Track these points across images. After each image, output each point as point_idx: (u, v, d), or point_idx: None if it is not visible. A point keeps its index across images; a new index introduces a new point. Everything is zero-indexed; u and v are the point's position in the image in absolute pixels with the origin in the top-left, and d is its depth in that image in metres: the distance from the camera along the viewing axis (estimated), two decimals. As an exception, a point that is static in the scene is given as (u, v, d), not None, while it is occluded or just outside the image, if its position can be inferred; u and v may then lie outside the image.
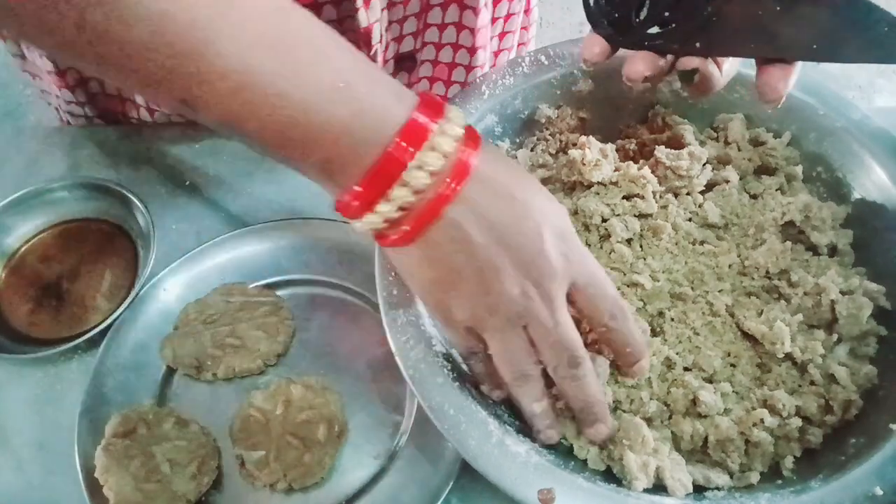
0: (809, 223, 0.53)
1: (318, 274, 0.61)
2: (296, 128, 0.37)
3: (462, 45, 0.67)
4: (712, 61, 0.44)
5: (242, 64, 0.35)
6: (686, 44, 0.43)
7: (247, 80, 0.35)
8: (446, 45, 0.68)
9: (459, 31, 0.66)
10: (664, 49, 0.43)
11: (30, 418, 0.57)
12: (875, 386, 0.48)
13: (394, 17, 0.62)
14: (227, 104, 0.36)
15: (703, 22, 0.41)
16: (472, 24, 0.65)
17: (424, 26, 0.65)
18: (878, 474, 0.42)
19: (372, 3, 0.58)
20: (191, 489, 0.50)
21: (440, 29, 0.65)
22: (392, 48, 0.65)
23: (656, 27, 0.43)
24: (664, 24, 0.43)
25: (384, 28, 0.61)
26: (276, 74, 0.36)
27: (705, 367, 0.48)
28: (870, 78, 1.88)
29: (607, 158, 0.55)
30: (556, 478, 0.41)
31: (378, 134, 0.38)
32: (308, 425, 0.52)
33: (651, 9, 0.43)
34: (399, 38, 0.65)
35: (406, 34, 0.65)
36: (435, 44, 0.67)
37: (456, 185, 0.39)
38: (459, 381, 0.44)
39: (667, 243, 0.53)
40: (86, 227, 0.66)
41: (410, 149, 0.37)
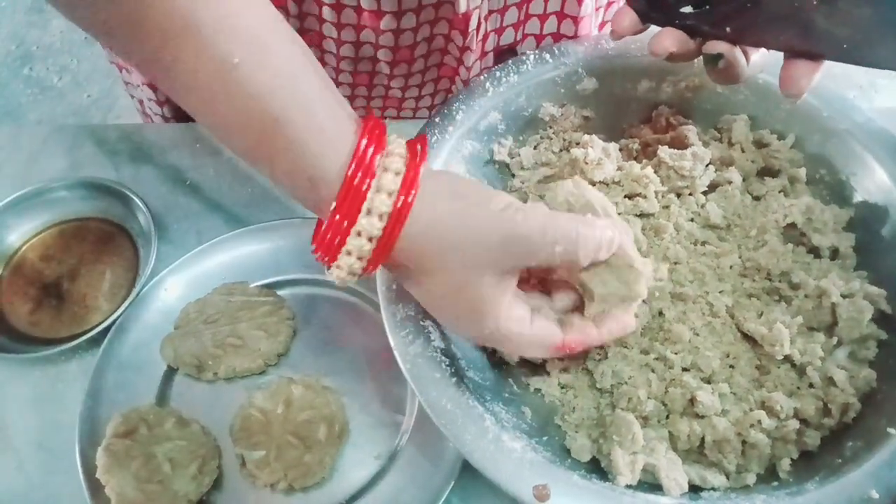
0: (811, 225, 0.55)
1: (318, 274, 0.64)
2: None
3: (564, 34, 0.67)
4: (740, 49, 0.46)
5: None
6: (717, 27, 0.44)
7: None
8: (546, 37, 0.68)
9: (561, 20, 0.66)
10: (694, 30, 0.45)
11: (30, 418, 0.59)
12: (873, 389, 0.50)
13: (494, 6, 0.63)
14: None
15: (739, 7, 0.42)
16: (575, 12, 0.65)
17: (526, 17, 0.66)
18: (875, 477, 0.44)
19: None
20: (192, 489, 0.53)
21: (541, 20, 0.66)
22: (492, 39, 0.67)
23: (690, 7, 0.45)
24: (699, 4, 0.45)
25: (483, 16, 0.63)
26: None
27: (704, 368, 0.50)
28: (870, 77, 1.89)
29: (610, 158, 0.57)
30: (551, 474, 0.43)
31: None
32: (309, 425, 0.55)
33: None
34: (499, 30, 0.66)
35: (507, 25, 0.66)
36: (536, 35, 0.68)
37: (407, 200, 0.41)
38: (457, 377, 0.47)
39: (668, 243, 0.55)
40: (86, 226, 0.69)
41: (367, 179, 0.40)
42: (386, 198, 0.40)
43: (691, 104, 0.62)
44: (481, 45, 0.66)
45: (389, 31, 0.62)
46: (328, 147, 0.41)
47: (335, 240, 0.41)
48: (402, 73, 0.68)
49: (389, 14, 0.60)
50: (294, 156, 0.40)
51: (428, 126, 0.58)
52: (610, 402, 0.51)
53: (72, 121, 1.83)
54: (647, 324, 0.53)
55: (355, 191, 0.40)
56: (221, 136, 0.42)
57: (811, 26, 0.41)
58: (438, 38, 0.65)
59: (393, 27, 0.62)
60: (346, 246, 0.41)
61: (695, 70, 0.61)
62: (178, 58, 0.38)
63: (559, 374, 0.53)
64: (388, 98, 0.72)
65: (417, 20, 0.62)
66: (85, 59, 2.07)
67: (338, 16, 0.61)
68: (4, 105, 0.69)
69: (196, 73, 0.38)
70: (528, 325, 0.46)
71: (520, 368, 0.54)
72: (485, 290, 0.43)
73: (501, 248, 0.42)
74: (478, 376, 0.50)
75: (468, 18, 0.61)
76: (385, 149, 0.41)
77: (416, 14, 0.61)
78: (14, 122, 0.71)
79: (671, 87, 0.62)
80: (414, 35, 0.64)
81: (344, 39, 0.64)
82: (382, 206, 0.40)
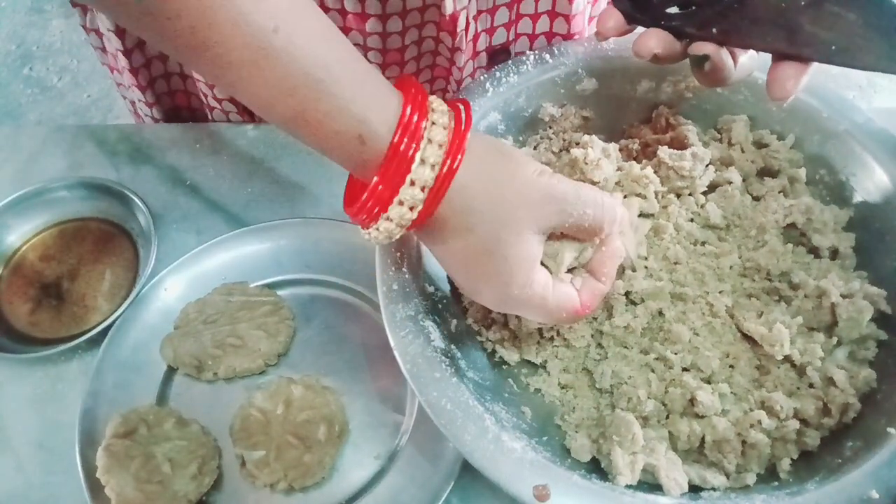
0: (811, 226, 0.55)
1: (318, 274, 0.64)
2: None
3: (557, 32, 0.68)
4: (727, 51, 0.46)
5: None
6: (703, 28, 0.44)
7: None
8: (540, 35, 0.68)
9: (553, 18, 0.66)
10: (680, 31, 0.45)
11: (30, 418, 0.59)
12: (873, 389, 0.50)
13: (483, 7, 0.63)
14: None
15: (725, 8, 0.42)
16: (567, 10, 0.65)
17: (517, 16, 0.66)
18: (874, 477, 0.44)
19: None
20: (191, 489, 0.53)
21: (533, 19, 0.66)
22: (483, 40, 0.67)
23: (676, 7, 0.45)
24: (685, 5, 0.44)
25: (472, 17, 0.63)
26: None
27: (704, 368, 0.51)
28: (870, 78, 1.90)
29: (610, 158, 0.57)
30: (551, 474, 0.43)
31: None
32: (308, 425, 0.55)
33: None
34: (490, 30, 0.66)
35: (498, 25, 0.66)
36: (528, 35, 0.68)
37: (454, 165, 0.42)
38: (457, 377, 0.47)
39: (668, 243, 0.55)
40: (86, 226, 0.69)
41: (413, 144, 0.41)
42: (430, 171, 0.41)
43: (691, 104, 0.62)
44: (472, 45, 0.66)
45: (376, 34, 0.62)
46: (375, 104, 0.41)
47: (375, 208, 0.42)
48: (394, 74, 0.68)
49: (374, 17, 0.60)
50: (342, 115, 0.40)
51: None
52: (610, 402, 0.52)
53: (72, 121, 1.83)
54: (647, 324, 0.53)
55: (401, 157, 0.41)
56: (263, 107, 0.42)
57: (798, 29, 0.41)
58: (428, 41, 0.65)
59: (379, 30, 0.62)
60: (386, 213, 0.42)
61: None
62: (215, 31, 0.38)
63: (559, 374, 0.53)
64: None
65: (403, 24, 0.62)
66: (85, 60, 2.07)
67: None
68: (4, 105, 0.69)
69: (234, 45, 0.38)
70: (552, 289, 0.46)
71: (520, 368, 0.54)
72: (519, 248, 0.44)
73: (540, 205, 0.44)
74: (478, 376, 0.50)
75: (455, 20, 0.61)
76: (427, 117, 0.42)
77: (402, 17, 0.61)
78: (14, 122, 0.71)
79: (671, 87, 0.62)
80: (402, 38, 0.63)
81: None
82: (426, 178, 0.41)
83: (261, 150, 0.73)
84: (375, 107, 0.41)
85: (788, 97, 0.45)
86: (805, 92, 0.58)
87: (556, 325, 0.53)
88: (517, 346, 0.54)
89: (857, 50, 0.40)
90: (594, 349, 0.54)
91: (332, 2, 0.59)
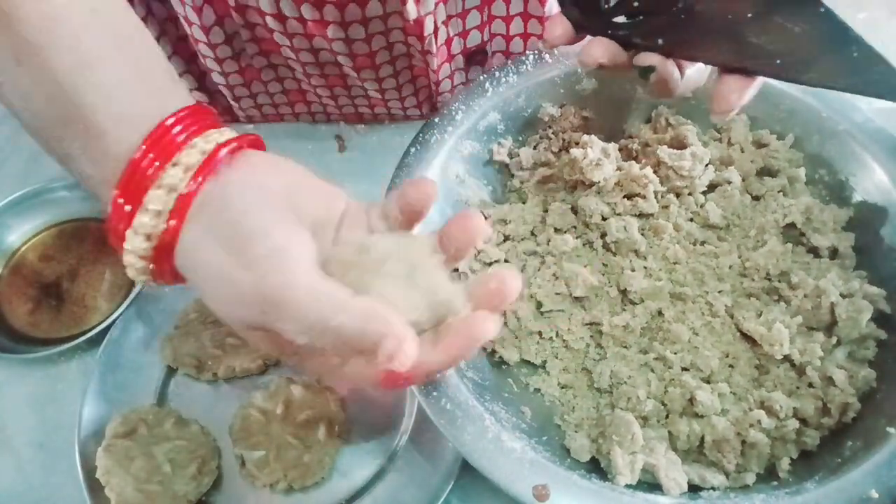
0: (811, 225, 0.55)
1: (319, 274, 0.64)
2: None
3: (532, 33, 0.67)
4: (674, 63, 0.44)
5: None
6: (649, 39, 0.42)
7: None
8: (516, 37, 0.68)
9: (527, 20, 0.66)
10: (626, 41, 0.43)
11: (30, 418, 0.60)
12: (873, 389, 0.50)
13: (452, 12, 0.63)
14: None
15: (671, 19, 0.41)
16: (539, 12, 0.65)
17: (489, 18, 0.66)
18: (874, 477, 0.44)
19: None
20: (191, 489, 0.53)
21: (506, 21, 0.66)
22: (457, 43, 0.66)
23: (624, 17, 0.43)
24: (632, 14, 0.43)
25: (441, 22, 0.62)
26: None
27: (703, 368, 0.51)
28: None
29: (609, 158, 0.58)
30: (551, 474, 0.43)
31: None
32: (308, 425, 0.55)
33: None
34: (464, 33, 0.66)
35: (470, 28, 0.66)
36: (504, 35, 0.67)
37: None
38: (457, 377, 0.47)
39: (667, 243, 0.55)
40: (85, 226, 0.69)
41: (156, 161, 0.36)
42: (150, 220, 0.36)
43: (691, 104, 0.62)
44: (446, 49, 0.66)
45: (339, 41, 0.61)
46: (126, 135, 0.37)
47: (119, 224, 0.37)
48: (371, 77, 0.67)
49: (334, 24, 0.59)
50: (99, 143, 0.37)
51: (427, 126, 0.58)
52: (609, 402, 0.52)
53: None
54: (646, 324, 0.53)
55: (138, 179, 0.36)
56: (35, 129, 0.38)
57: (744, 41, 0.40)
58: (398, 45, 0.64)
59: (341, 36, 0.61)
60: (125, 242, 0.37)
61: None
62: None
63: (559, 374, 0.53)
64: (371, 98, 0.72)
65: (367, 30, 0.61)
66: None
67: (283, 26, 0.60)
68: (4, 105, 0.69)
69: (8, 61, 0.36)
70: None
71: (519, 368, 0.54)
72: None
73: (259, 309, 0.36)
74: (478, 376, 0.50)
75: (421, 25, 0.60)
76: (175, 155, 0.37)
77: (363, 25, 0.60)
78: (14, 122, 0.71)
79: (670, 87, 0.62)
80: (368, 44, 0.62)
81: (298, 47, 0.63)
82: (147, 230, 0.36)
83: (260, 150, 0.73)
84: (126, 139, 0.37)
85: (731, 111, 0.43)
86: (804, 91, 0.59)
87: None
88: (517, 345, 0.54)
89: (802, 65, 0.39)
90: (593, 349, 0.54)
91: (290, 10, 0.58)
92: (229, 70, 0.68)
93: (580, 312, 0.55)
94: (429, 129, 0.57)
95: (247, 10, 0.60)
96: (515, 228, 0.58)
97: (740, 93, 0.42)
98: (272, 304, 0.35)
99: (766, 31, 0.39)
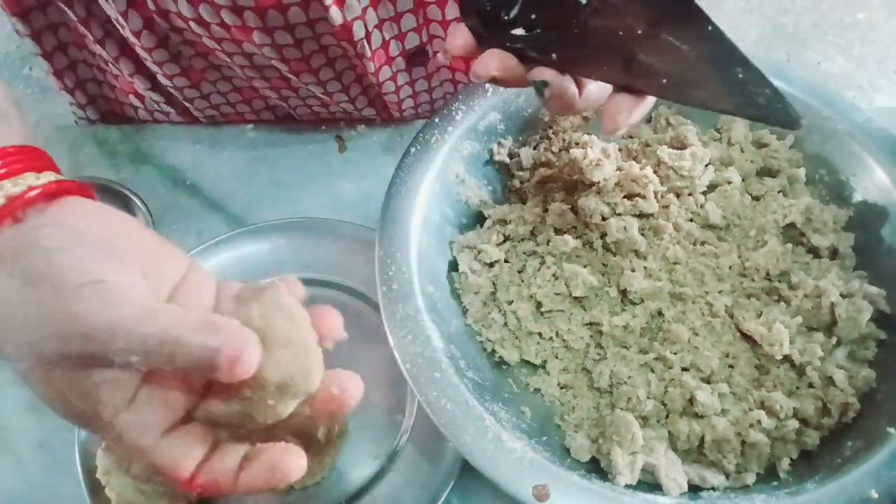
0: (811, 225, 0.55)
1: (318, 274, 0.64)
2: None
3: None
4: (571, 79, 0.42)
5: None
6: (544, 53, 0.41)
7: None
8: None
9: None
10: (523, 54, 0.42)
11: (30, 418, 0.59)
12: (873, 389, 0.50)
13: (385, 15, 0.62)
14: None
15: (566, 33, 0.40)
16: None
17: (425, 21, 0.65)
18: (874, 477, 0.45)
19: (348, 2, 0.57)
20: (191, 488, 0.53)
21: (443, 26, 0.66)
22: (395, 46, 0.66)
23: (522, 30, 0.42)
24: (530, 27, 0.42)
25: (374, 26, 0.62)
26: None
27: (703, 368, 0.51)
28: (870, 78, 1.91)
29: (609, 158, 0.58)
30: (551, 474, 0.44)
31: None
32: (308, 425, 0.55)
33: (521, 9, 0.41)
34: (400, 36, 0.65)
35: (407, 31, 0.65)
36: (443, 38, 0.66)
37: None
38: (457, 377, 0.47)
39: (667, 243, 0.55)
40: (86, 226, 0.68)
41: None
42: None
43: (691, 104, 0.62)
44: (383, 52, 0.65)
45: (268, 46, 0.60)
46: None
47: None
48: (312, 80, 0.66)
49: (258, 30, 0.58)
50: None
51: (427, 126, 0.58)
52: (609, 402, 0.52)
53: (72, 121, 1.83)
54: (646, 324, 0.53)
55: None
56: None
57: (634, 59, 0.39)
58: (333, 48, 0.63)
59: (268, 42, 0.59)
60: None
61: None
62: None
63: (559, 374, 0.53)
64: (321, 99, 0.70)
65: (293, 35, 0.59)
66: (85, 60, 2.07)
67: (207, 31, 0.59)
68: (4, 105, 0.70)
69: None
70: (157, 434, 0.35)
71: (519, 368, 0.54)
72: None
73: (80, 335, 0.32)
74: (478, 376, 0.50)
75: (350, 29, 0.59)
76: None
77: (288, 31, 0.59)
78: (14, 122, 0.72)
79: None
80: (299, 49, 0.61)
81: (229, 51, 0.62)
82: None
83: (261, 150, 0.73)
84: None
85: (618, 131, 0.42)
86: (804, 92, 0.59)
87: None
88: (517, 346, 0.54)
89: (689, 85, 0.38)
90: (593, 349, 0.54)
91: (209, 15, 0.57)
92: (171, 73, 0.67)
93: (580, 312, 0.55)
94: (429, 129, 0.58)
95: (169, 15, 0.59)
96: (515, 228, 0.58)
97: (629, 112, 0.41)
98: (102, 325, 0.32)
99: (655, 49, 0.38)
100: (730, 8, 2.18)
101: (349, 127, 0.75)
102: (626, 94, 0.41)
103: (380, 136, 0.74)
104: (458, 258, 0.57)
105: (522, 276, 0.56)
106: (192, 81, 0.69)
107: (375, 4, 0.60)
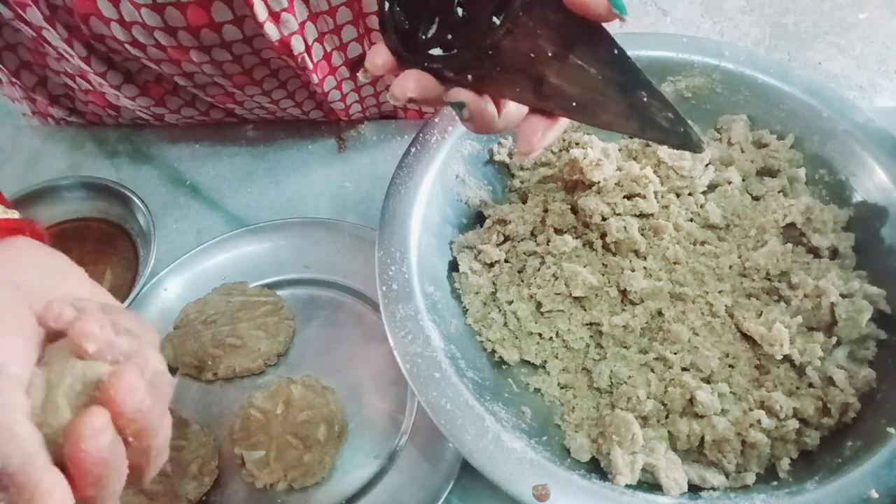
0: (811, 225, 0.55)
1: (318, 274, 0.64)
2: None
3: None
4: (489, 99, 0.42)
5: None
6: (460, 73, 0.41)
7: None
8: None
9: None
10: (440, 74, 0.42)
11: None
12: (873, 389, 0.50)
13: (324, 29, 0.62)
14: None
15: (480, 54, 0.40)
16: None
17: (366, 31, 0.65)
18: (874, 477, 0.45)
19: (283, 18, 0.57)
20: (192, 489, 0.53)
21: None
22: (338, 57, 0.66)
23: (439, 49, 0.42)
24: (447, 47, 0.42)
25: (314, 39, 0.62)
26: None
27: (703, 368, 0.51)
28: (871, 78, 1.91)
29: (609, 158, 0.58)
30: (551, 474, 0.43)
31: None
32: (308, 425, 0.55)
33: (438, 29, 0.41)
34: (342, 47, 0.65)
35: (348, 41, 0.65)
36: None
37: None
38: (457, 377, 0.47)
39: (668, 243, 0.55)
40: (86, 226, 0.69)
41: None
42: None
43: (691, 104, 0.63)
44: (326, 63, 0.65)
45: (207, 63, 0.60)
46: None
47: None
48: (257, 91, 0.66)
49: (195, 49, 0.58)
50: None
51: (427, 126, 0.58)
52: (609, 402, 0.52)
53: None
54: (646, 324, 0.53)
55: None
56: None
57: (543, 81, 0.39)
58: (275, 60, 0.63)
59: (206, 60, 0.60)
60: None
61: (695, 70, 0.61)
62: None
63: (559, 374, 0.53)
64: (268, 108, 0.71)
65: (232, 53, 0.59)
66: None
67: (143, 52, 0.59)
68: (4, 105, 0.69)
69: None
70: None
71: (519, 368, 0.54)
72: None
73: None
74: (478, 376, 0.50)
75: (288, 45, 0.59)
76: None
77: (226, 49, 0.59)
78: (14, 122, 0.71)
79: (671, 87, 0.62)
80: (239, 65, 0.61)
81: (169, 72, 0.62)
82: None
83: (261, 149, 0.73)
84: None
85: (532, 152, 0.41)
86: (805, 92, 0.59)
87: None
88: (517, 346, 0.54)
89: (595, 106, 0.38)
90: (593, 349, 0.54)
91: (144, 37, 0.57)
92: (131, 94, 0.67)
93: (580, 312, 0.55)
94: (429, 129, 0.58)
95: (105, 39, 0.59)
96: (515, 228, 0.58)
97: (543, 134, 0.41)
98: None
99: (564, 71, 0.38)
100: (730, 8, 2.18)
101: (349, 127, 0.75)
102: (540, 116, 0.41)
103: (380, 136, 0.74)
104: (458, 258, 0.57)
105: (522, 276, 0.56)
106: (156, 99, 0.69)
107: (314, 19, 0.60)
